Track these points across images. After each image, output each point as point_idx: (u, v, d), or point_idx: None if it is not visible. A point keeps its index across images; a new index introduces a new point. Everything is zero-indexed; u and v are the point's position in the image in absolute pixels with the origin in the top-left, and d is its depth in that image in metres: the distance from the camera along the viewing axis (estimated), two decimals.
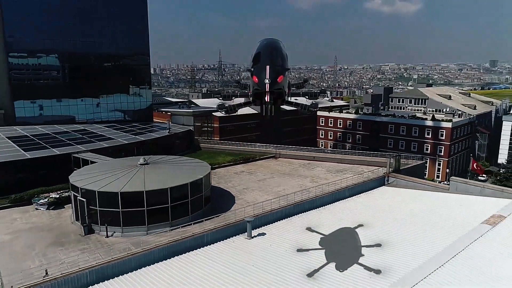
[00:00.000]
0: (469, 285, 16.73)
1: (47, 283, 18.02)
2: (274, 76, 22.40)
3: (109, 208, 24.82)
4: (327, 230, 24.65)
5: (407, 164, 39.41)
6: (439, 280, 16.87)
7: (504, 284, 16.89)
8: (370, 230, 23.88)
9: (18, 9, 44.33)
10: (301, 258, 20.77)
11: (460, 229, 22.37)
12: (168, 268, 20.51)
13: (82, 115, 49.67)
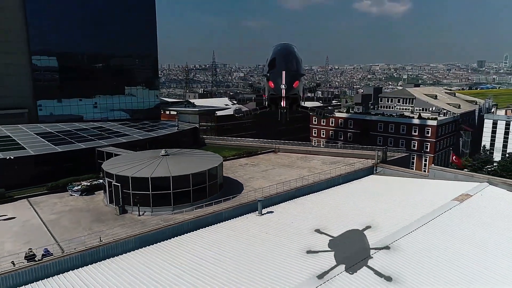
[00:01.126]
0: (437, 242, 21.60)
1: (102, 247, 22.41)
2: (290, 82, 22.93)
3: (140, 191, 29.34)
4: (325, 209, 29.38)
5: (393, 156, 44.48)
6: (416, 237, 21.81)
7: (462, 241, 21.84)
8: (361, 209, 28.63)
9: (41, 15, 48.48)
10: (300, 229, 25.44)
11: (435, 205, 27.27)
12: (196, 237, 25.01)
13: (96, 113, 54.05)
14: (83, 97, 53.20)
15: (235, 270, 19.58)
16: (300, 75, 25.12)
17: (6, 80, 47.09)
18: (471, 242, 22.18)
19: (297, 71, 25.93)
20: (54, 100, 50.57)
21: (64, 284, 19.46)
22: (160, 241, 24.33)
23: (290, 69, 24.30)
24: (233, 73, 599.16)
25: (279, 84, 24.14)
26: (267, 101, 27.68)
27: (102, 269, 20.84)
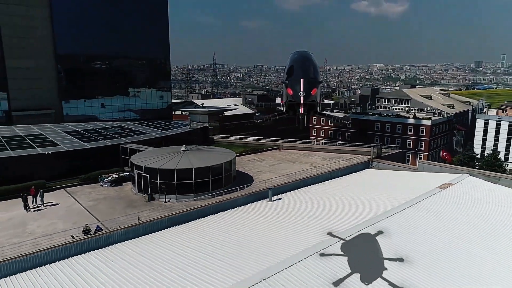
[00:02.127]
0: (421, 219, 26.17)
1: (142, 225, 26.88)
2: (308, 89, 24.31)
3: (167, 181, 33.83)
4: (326, 196, 33.91)
5: (387, 152, 49.09)
6: (404, 215, 26.40)
7: (442, 220, 26.41)
8: (358, 196, 33.17)
9: (65, 23, 53.07)
10: (306, 210, 29.95)
11: (421, 192, 31.83)
12: (217, 218, 29.43)
13: (115, 113, 58.60)
14: (102, 98, 57.76)
15: (250, 244, 23.98)
16: (318, 82, 26.38)
17: (36, 84, 51.62)
18: (449, 221, 26.74)
19: (315, 78, 27.10)
20: (77, 100, 55.15)
21: (114, 253, 23.79)
22: (188, 222, 28.73)
23: (308, 76, 25.44)
24: (232, 74, 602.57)
25: (298, 91, 25.94)
26: (285, 107, 29.76)
27: (143, 242, 25.24)
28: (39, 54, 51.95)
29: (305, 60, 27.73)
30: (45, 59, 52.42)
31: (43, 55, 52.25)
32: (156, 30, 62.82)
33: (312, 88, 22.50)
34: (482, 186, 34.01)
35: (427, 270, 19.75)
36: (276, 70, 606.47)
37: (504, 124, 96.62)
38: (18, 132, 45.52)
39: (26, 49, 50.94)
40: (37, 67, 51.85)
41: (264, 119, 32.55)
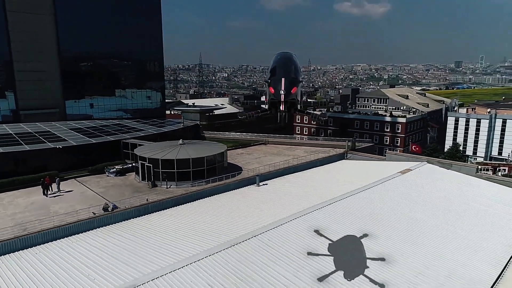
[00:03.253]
0: (383, 195, 32.00)
1: (151, 204, 31.98)
2: (288, 88, 25.91)
3: (168, 170, 38.93)
4: (306, 182, 39.52)
5: (361, 145, 55.13)
6: (370, 193, 32.18)
7: (400, 196, 32.31)
8: (333, 181, 38.86)
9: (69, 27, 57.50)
10: (288, 192, 35.47)
11: (385, 175, 37.73)
12: (213, 199, 34.64)
13: (113, 112, 63.24)
14: (101, 98, 62.41)
15: (242, 216, 29.35)
16: (298, 81, 29.05)
17: (42, 85, 55.96)
18: (406, 198, 32.65)
19: (296, 78, 29.79)
20: (79, 100, 59.79)
21: (129, 226, 28.74)
22: (188, 202, 33.95)
23: (288, 76, 27.85)
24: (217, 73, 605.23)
25: (279, 90, 28.79)
26: (268, 105, 33.16)
27: (153, 217, 30.32)
28: (44, 57, 56.32)
29: (287, 61, 29.45)
30: (50, 61, 56.82)
31: (48, 58, 56.63)
32: (150, 33, 67.65)
33: (293, 87, 23.98)
34: (436, 171, 40.20)
35: (381, 224, 25.54)
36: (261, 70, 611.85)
37: (472, 121, 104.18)
38: (27, 129, 49.87)
39: (33, 53, 55.30)
40: (42, 69, 56.18)
41: (247, 116, 35.54)
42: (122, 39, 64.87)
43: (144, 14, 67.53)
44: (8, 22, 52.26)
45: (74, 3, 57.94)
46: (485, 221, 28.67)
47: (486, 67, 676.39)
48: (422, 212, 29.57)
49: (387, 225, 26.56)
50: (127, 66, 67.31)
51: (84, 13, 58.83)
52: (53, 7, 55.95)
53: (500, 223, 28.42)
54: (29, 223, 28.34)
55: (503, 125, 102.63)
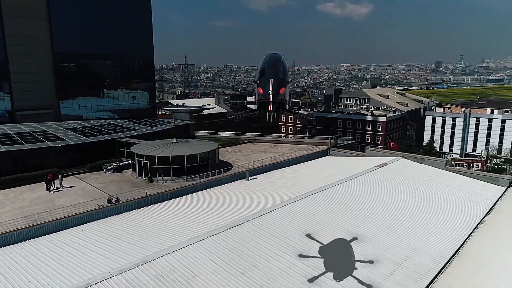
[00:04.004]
0: (361, 187, 35.59)
1: (151, 196, 34.83)
2: (276, 88, 26.83)
3: (164, 166, 41.80)
4: (292, 176, 42.90)
5: (343, 143, 58.92)
6: (350, 184, 35.71)
7: (378, 186, 35.98)
8: (315, 175, 42.31)
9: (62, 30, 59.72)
10: (274, 185, 38.76)
11: (364, 169, 41.41)
12: (206, 193, 37.62)
13: (106, 112, 65.64)
14: (94, 99, 64.75)
15: (235, 205, 32.49)
16: (286, 82, 29.49)
17: (37, 86, 58.00)
18: (381, 187, 36.33)
19: (284, 79, 30.53)
20: (72, 100, 62.05)
21: (133, 216, 31.44)
22: (184, 195, 36.88)
23: (277, 77, 28.42)
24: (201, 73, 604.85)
25: (267, 90, 29.82)
26: (257, 105, 34.90)
27: (154, 208, 33.11)
28: (39, 59, 58.37)
29: (275, 62, 30.02)
30: (44, 64, 58.90)
31: (43, 60, 58.71)
32: (141, 36, 70.23)
33: (281, 87, 24.17)
34: (410, 165, 44.16)
35: (358, 209, 29.12)
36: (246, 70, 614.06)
37: (448, 120, 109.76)
38: (25, 129, 51.95)
39: (28, 56, 57.32)
40: (37, 71, 58.19)
41: (236, 116, 37.58)
42: (113, 41, 67.28)
43: (134, 17, 70.04)
44: (4, 26, 54.25)
45: (67, 8, 60.17)
46: (448, 206, 32.58)
47: (465, 67, 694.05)
48: (394, 200, 33.29)
49: (364, 210, 30.14)
50: (119, 67, 69.76)
51: (77, 16, 61.11)
52: (47, 12, 58.13)
53: (460, 208, 32.37)
54: (37, 215, 30.91)
55: (477, 124, 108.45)
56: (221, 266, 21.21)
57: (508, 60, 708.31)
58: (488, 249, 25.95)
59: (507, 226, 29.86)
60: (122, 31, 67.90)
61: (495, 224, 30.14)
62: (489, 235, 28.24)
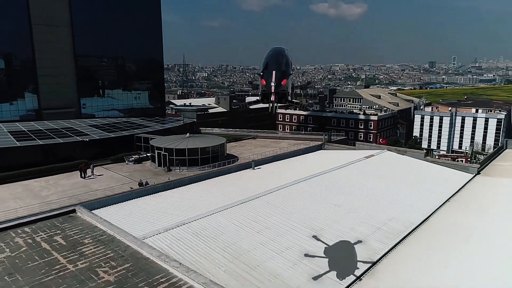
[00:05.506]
0: (351, 175, 42.16)
1: (174, 181, 41.13)
2: (279, 80, 28.59)
3: (180, 157, 48.14)
4: (292, 166, 49.40)
5: (335, 138, 65.65)
6: (341, 172, 42.25)
7: (365, 174, 42.55)
8: (312, 165, 48.83)
9: (83, 36, 65.94)
10: (276, 173, 45.21)
11: (353, 159, 48.01)
12: (218, 179, 43.98)
13: (121, 111, 71.87)
14: (110, 99, 71.03)
15: (244, 187, 38.90)
16: (288, 74, 31.94)
17: (60, 86, 64.20)
18: (368, 174, 42.90)
19: (286, 71, 33.05)
20: (91, 99, 68.38)
21: (161, 197, 37.37)
22: (200, 181, 43.21)
23: (279, 69, 30.89)
24: (197, 73, 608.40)
25: (270, 82, 32.74)
26: (260, 96, 38.71)
27: (178, 190, 39.17)
28: (62, 62, 64.54)
29: (278, 55, 32.46)
30: (67, 66, 65.05)
31: (65, 64, 64.85)
32: (152, 38, 76.66)
33: (283, 79, 25.81)
34: (394, 156, 50.91)
35: (347, 190, 35.74)
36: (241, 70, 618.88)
37: (436, 119, 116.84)
38: (53, 126, 58.05)
39: (53, 59, 63.43)
40: (61, 73, 64.32)
41: (240, 106, 40.36)
42: (126, 45, 73.57)
43: (145, 22, 76.32)
44: (33, 34, 60.31)
45: (87, 16, 66.33)
46: (423, 188, 39.25)
47: (458, 68, 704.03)
48: (378, 183, 39.88)
49: (352, 191, 36.72)
50: (131, 69, 76.17)
51: (95, 23, 67.34)
52: (70, 20, 64.27)
53: (433, 190, 39.02)
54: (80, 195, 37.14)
55: (462, 122, 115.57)
56: (241, 227, 27.70)
57: (501, 61, 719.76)
58: (449, 218, 32.63)
59: (468, 202, 36.61)
60: (134, 35, 74.11)
61: (459, 201, 36.86)
62: (452, 209, 34.92)
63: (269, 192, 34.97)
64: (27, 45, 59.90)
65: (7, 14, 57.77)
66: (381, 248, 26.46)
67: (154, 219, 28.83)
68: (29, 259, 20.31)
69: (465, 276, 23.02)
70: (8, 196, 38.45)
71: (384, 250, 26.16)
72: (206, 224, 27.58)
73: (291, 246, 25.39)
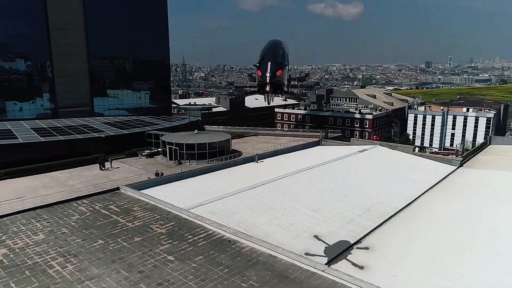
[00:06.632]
0: (347, 166, 46.84)
1: (186, 172, 45.67)
2: (274, 71, 31.26)
3: (190, 151, 52.70)
4: (292, 159, 54.06)
5: (332, 135, 70.43)
6: (337, 164, 46.91)
7: (359, 165, 47.25)
8: (309, 158, 53.51)
9: (96, 38, 70.45)
10: (278, 165, 49.83)
11: (348, 153, 52.71)
12: (227, 170, 48.42)
13: (130, 110, 76.38)
14: (120, 98, 75.56)
15: (250, 177, 43.43)
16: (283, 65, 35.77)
17: (75, 86, 68.69)
18: (361, 165, 47.61)
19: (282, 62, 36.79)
20: (103, 99, 72.96)
21: (173, 186, 42.19)
22: (209, 172, 47.78)
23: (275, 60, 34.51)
24: (194, 73, 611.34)
25: (265, 72, 36.42)
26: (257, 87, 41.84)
27: (189, 180, 43.82)
28: (77, 64, 69.06)
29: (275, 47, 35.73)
30: (81, 67, 69.60)
31: (80, 65, 69.41)
32: (159, 40, 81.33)
33: (278, 69, 28.36)
34: (385, 150, 55.72)
35: (341, 179, 40.45)
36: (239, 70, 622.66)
37: (428, 118, 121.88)
38: (70, 123, 62.46)
39: (68, 61, 67.95)
40: (76, 74, 68.85)
41: (236, 95, 42.80)
42: (135, 47, 78.16)
43: (153, 25, 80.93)
44: (51, 38, 64.75)
45: (100, 21, 70.88)
46: (410, 177, 44.02)
47: (454, 68, 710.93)
48: (369, 173, 44.62)
49: (346, 179, 41.45)
50: (140, 70, 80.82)
51: (107, 27, 71.86)
52: (84, 25, 68.83)
53: (419, 179, 43.80)
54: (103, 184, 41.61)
55: (454, 121, 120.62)
56: (250, 208, 32.34)
57: (496, 61, 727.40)
58: (428, 203, 37.40)
59: (449, 190, 41.40)
60: (143, 37, 78.75)
61: (441, 189, 41.64)
62: (434, 195, 39.70)
63: (273, 180, 39.63)
64: (45, 48, 64.34)
65: (26, 20, 62.15)
66: (370, 225, 31.17)
67: (175, 203, 33.41)
68: (96, 220, 27.33)
69: (433, 245, 27.77)
70: (38, 185, 42.89)
71: (372, 227, 30.87)
72: (220, 206, 32.21)
73: (294, 223, 30.06)
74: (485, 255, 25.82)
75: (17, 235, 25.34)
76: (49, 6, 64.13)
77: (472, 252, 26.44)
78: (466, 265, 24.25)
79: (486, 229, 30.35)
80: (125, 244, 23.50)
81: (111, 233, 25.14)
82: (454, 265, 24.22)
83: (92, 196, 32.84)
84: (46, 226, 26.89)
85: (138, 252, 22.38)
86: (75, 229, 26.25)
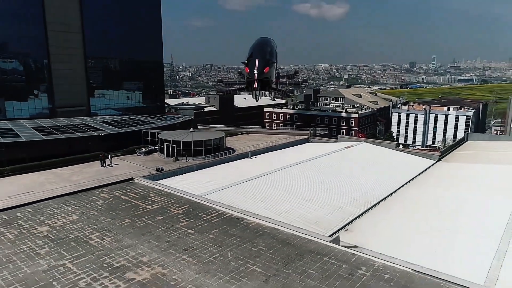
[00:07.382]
0: (332, 161, 50.29)
1: (184, 168, 48.48)
2: (262, 68, 31.25)
3: (187, 148, 55.48)
4: (283, 155, 57.29)
5: (320, 132, 74.00)
6: (324, 159, 50.32)
7: (345, 160, 50.73)
8: (298, 154, 56.88)
9: (93, 40, 72.60)
10: (269, 160, 53.03)
11: (335, 149, 56.22)
12: (221, 166, 51.50)
13: (125, 109, 78.67)
14: (116, 98, 77.85)
15: (244, 171, 46.53)
16: (271, 62, 34.68)
17: (73, 87, 70.73)
18: (347, 160, 51.13)
19: (269, 59, 35.69)
20: (99, 99, 75.10)
21: (173, 181, 45.12)
22: (206, 168, 50.70)
23: (263, 57, 33.75)
24: (181, 73, 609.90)
25: (253, 69, 35.79)
26: (245, 84, 41.14)
27: (188, 175, 46.76)
28: (75, 64, 71.16)
29: (263, 44, 35.24)
30: (78, 68, 71.73)
31: (77, 65, 71.55)
32: (153, 42, 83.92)
33: (265, 67, 28.01)
34: (370, 146, 59.49)
35: (330, 171, 43.87)
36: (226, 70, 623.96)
37: (411, 116, 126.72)
38: (68, 122, 64.59)
39: (66, 62, 70.01)
40: (73, 75, 70.93)
41: (225, 92, 43.72)
42: (130, 48, 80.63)
43: (147, 27, 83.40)
44: (49, 39, 66.75)
45: (96, 24, 73.12)
46: (393, 170, 47.76)
47: (438, 68, 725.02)
48: (355, 167, 48.22)
49: (334, 172, 44.92)
50: (135, 70, 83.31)
51: (103, 29, 74.19)
52: (81, 27, 71.01)
53: (401, 172, 47.57)
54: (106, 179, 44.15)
55: (435, 119, 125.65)
56: (248, 198, 35.48)
57: (478, 61, 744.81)
58: (408, 192, 41.11)
59: (426, 181, 45.24)
60: (138, 39, 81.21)
61: (420, 181, 45.46)
62: (414, 186, 43.46)
63: (266, 174, 42.86)
64: (43, 49, 66.34)
65: (25, 22, 64.07)
66: (356, 212, 34.68)
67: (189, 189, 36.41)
68: (119, 204, 31.46)
69: (408, 225, 31.38)
70: (44, 181, 45.18)
71: (358, 213, 34.40)
72: (219, 196, 35.23)
73: (288, 210, 33.34)
74: (447, 231, 29.59)
75: (53, 216, 28.93)
76: (47, 8, 66.11)
77: (439, 230, 30.17)
78: (435, 240, 27.91)
79: (452, 212, 34.22)
80: (149, 222, 27.39)
81: (135, 214, 29.11)
82: (430, 242, 27.83)
83: (109, 185, 37.21)
84: (77, 209, 30.66)
85: (162, 228, 26.25)
86: (102, 211, 30.03)
